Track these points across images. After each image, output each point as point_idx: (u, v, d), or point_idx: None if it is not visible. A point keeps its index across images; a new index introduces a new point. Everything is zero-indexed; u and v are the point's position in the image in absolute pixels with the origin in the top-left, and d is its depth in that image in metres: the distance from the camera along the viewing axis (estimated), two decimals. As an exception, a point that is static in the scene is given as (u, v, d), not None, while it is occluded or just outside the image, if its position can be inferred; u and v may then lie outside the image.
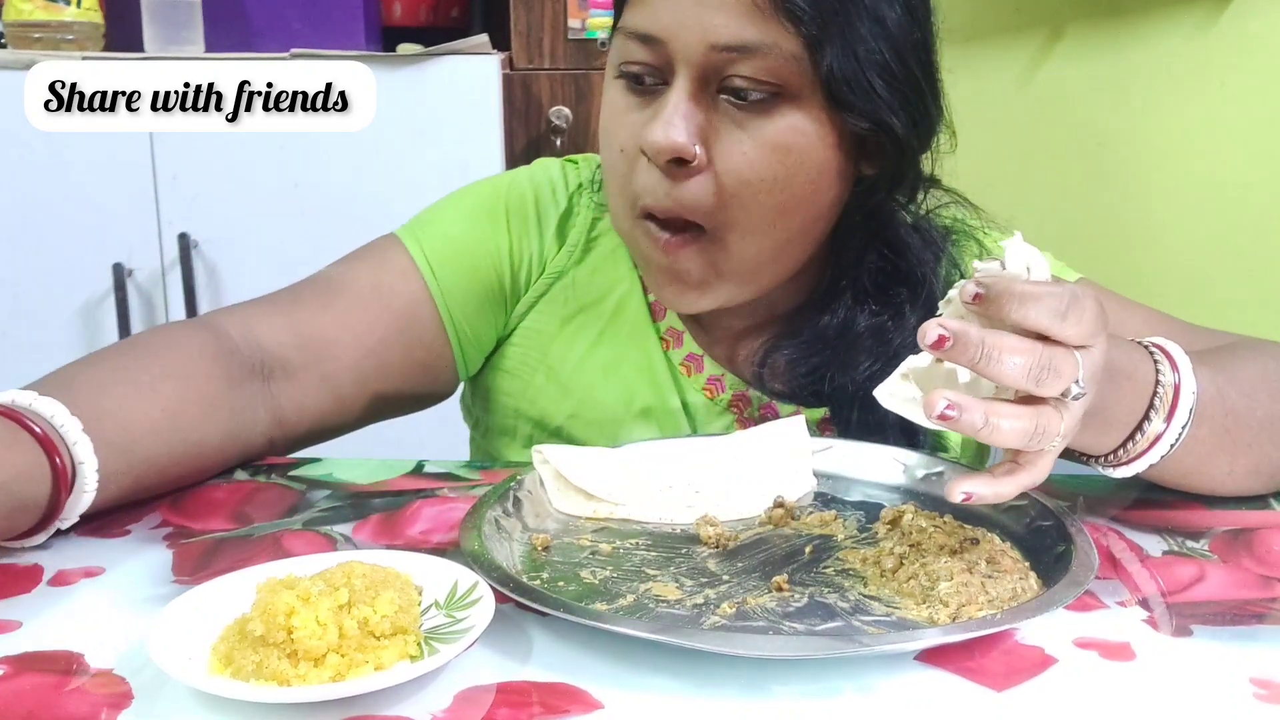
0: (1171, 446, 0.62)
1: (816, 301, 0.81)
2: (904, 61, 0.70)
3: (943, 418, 0.50)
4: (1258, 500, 0.71)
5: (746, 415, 0.83)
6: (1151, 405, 0.61)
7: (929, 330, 0.50)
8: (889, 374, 0.55)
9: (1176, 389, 0.61)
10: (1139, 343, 0.64)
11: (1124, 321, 0.82)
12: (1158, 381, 0.61)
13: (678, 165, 0.70)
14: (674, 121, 0.69)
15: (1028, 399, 0.52)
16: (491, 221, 0.84)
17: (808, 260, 0.78)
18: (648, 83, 0.72)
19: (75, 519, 0.62)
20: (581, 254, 0.85)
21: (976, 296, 0.52)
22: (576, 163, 0.89)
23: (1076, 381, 0.52)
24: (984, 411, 0.50)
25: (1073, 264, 0.87)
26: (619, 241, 0.84)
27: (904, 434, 0.77)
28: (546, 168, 0.88)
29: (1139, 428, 0.62)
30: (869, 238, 0.79)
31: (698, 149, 0.69)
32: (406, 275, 0.82)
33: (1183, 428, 0.61)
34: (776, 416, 0.82)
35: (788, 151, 0.70)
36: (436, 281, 0.82)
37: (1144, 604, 0.57)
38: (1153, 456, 0.62)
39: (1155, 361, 0.62)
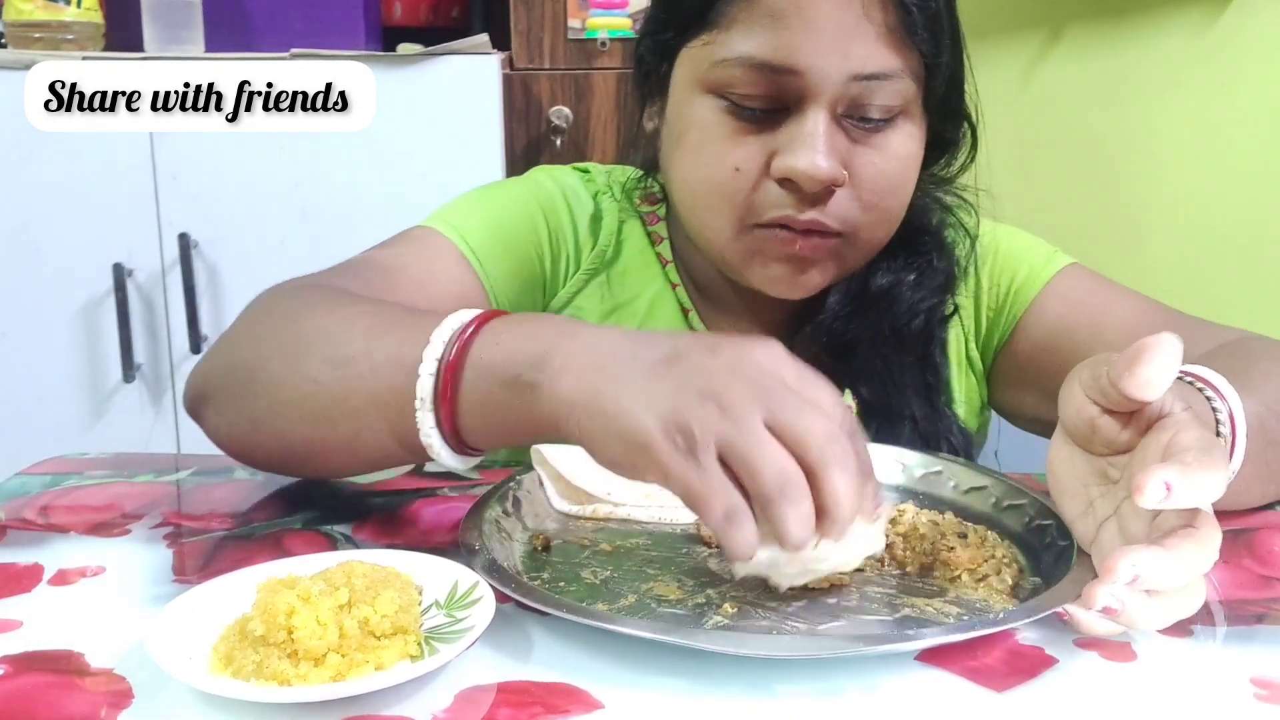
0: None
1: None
2: (963, 65, 0.77)
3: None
4: (1258, 500, 0.70)
5: None
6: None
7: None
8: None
9: (1232, 421, 0.59)
10: (1181, 378, 0.60)
11: (1112, 308, 0.81)
12: (1215, 419, 0.59)
13: (824, 188, 0.72)
14: (822, 150, 0.70)
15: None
16: (528, 213, 0.85)
17: None
18: (762, 108, 0.72)
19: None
20: (614, 255, 0.86)
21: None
22: (588, 170, 0.90)
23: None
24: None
25: (1070, 261, 0.87)
26: (646, 244, 0.87)
27: (920, 427, 0.79)
28: (563, 172, 0.89)
29: None
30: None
31: (844, 172, 0.72)
32: (455, 261, 0.80)
33: (1239, 465, 0.59)
34: None
35: (909, 159, 0.75)
36: (482, 267, 0.80)
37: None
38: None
39: (1208, 399, 0.59)
